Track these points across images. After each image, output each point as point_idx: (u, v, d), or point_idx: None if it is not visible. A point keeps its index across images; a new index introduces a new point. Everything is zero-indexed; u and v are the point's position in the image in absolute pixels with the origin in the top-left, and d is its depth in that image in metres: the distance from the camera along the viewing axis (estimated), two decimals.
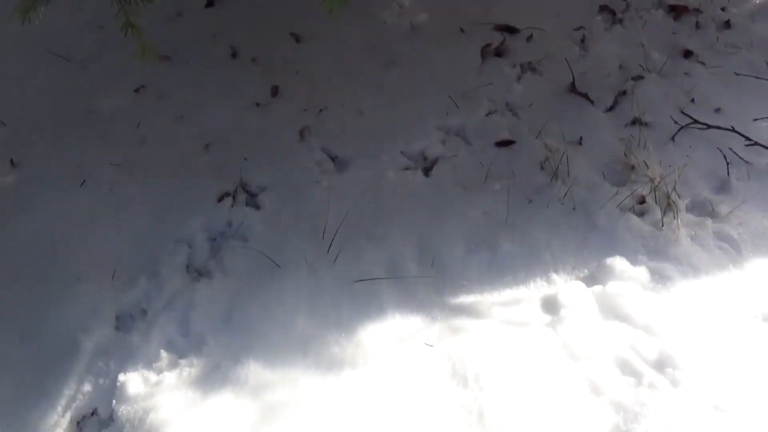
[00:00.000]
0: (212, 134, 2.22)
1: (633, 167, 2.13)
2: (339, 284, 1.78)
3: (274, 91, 2.38)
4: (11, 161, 2.12)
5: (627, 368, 1.56)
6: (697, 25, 2.82)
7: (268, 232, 1.92)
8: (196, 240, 1.90)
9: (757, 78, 2.42)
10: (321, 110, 2.35)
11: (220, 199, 2.02)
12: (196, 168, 2.11)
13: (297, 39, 2.63)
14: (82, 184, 2.04)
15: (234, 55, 2.54)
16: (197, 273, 1.83)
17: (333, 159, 2.23)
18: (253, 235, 1.91)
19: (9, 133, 2.24)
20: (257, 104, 2.34)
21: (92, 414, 1.56)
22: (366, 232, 1.94)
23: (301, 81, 2.45)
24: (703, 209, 2.00)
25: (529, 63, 2.62)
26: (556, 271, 1.84)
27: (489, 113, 2.38)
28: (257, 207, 2.02)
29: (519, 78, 2.55)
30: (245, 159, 2.14)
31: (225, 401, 1.49)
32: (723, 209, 1.97)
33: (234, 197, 2.03)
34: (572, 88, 2.48)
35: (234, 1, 2.83)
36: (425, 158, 2.25)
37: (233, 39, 2.58)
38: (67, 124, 2.25)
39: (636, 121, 2.34)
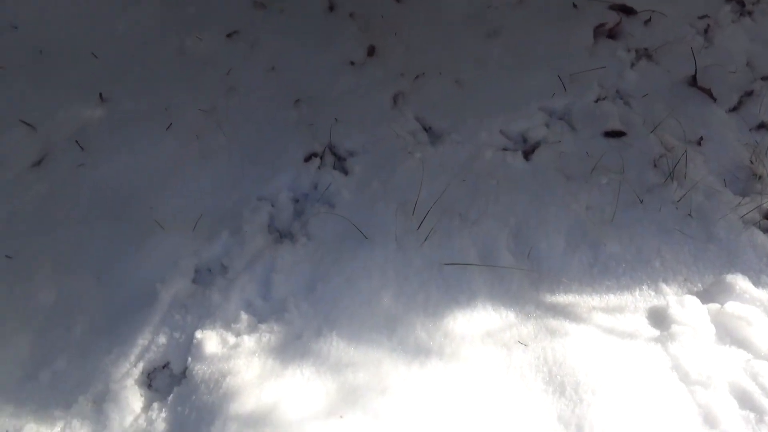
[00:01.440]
0: (303, 89, 2.11)
1: (759, 177, 1.91)
2: (428, 265, 1.65)
3: (371, 51, 2.24)
4: (100, 95, 2.06)
5: (746, 401, 1.39)
6: None
7: (355, 200, 1.81)
8: (279, 199, 1.80)
9: None
10: (417, 77, 2.20)
11: (307, 159, 1.91)
12: (285, 124, 2.00)
13: None
14: (168, 127, 1.97)
15: (331, 7, 2.41)
16: (279, 234, 1.74)
17: (427, 130, 2.09)
18: (340, 201, 1.80)
19: (99, 67, 2.17)
20: (352, 63, 2.21)
21: (164, 367, 1.49)
22: (459, 212, 1.81)
23: (398, 43, 2.30)
24: None
25: (646, 49, 2.40)
26: (665, 282, 1.67)
27: (598, 99, 2.19)
28: (345, 172, 1.90)
29: (633, 64, 2.34)
30: (336, 120, 2.02)
31: (305, 376, 1.40)
32: None
33: (322, 159, 1.92)
34: (693, 81, 2.25)
35: None
36: (525, 140, 2.08)
37: None
38: (157, 63, 2.17)
39: (763, 126, 2.11)
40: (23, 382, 1.43)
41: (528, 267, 1.69)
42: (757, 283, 1.64)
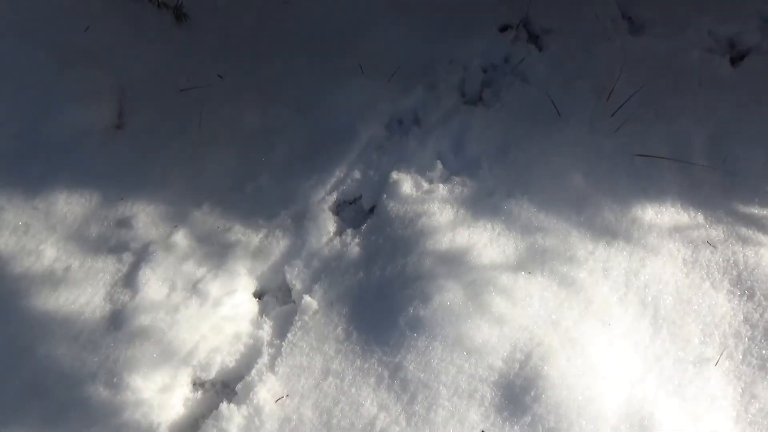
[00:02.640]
0: None
1: None
2: (619, 153, 1.61)
3: None
4: None
5: None
6: None
7: (549, 76, 1.76)
8: (472, 66, 1.78)
9: None
10: None
11: (503, 30, 1.86)
12: None
13: None
14: None
15: None
16: (472, 98, 1.73)
17: (628, 19, 1.96)
18: (533, 75, 1.76)
19: None
20: None
21: (354, 202, 1.58)
22: (655, 108, 1.72)
23: None
24: None
25: None
26: None
27: None
28: (540, 48, 1.84)
29: None
30: None
31: (496, 230, 1.44)
32: None
33: (517, 30, 1.86)
34: None
35: None
36: (733, 46, 1.91)
37: None
38: None
39: None
40: (231, 191, 1.56)
41: (721, 171, 1.61)
42: None
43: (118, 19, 1.86)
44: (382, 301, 1.35)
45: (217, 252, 1.46)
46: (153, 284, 1.40)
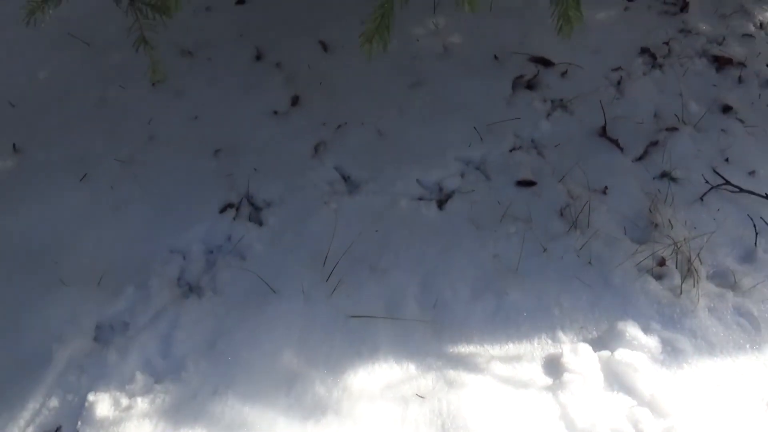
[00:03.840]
0: (225, 139, 2.14)
1: (656, 225, 2.02)
2: (334, 317, 1.69)
3: (295, 100, 2.30)
4: (14, 146, 2.06)
5: None
6: (740, 80, 2.70)
7: (268, 251, 1.84)
8: (192, 252, 1.82)
9: None
10: (340, 126, 2.27)
11: (223, 210, 1.94)
12: (203, 174, 2.03)
13: (325, 47, 2.55)
14: (83, 177, 1.98)
15: (258, 57, 2.46)
16: (188, 287, 1.75)
17: (346, 179, 2.14)
18: (251, 253, 1.83)
19: (16, 116, 2.17)
20: (275, 112, 2.26)
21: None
22: (370, 263, 1.86)
23: (323, 92, 2.36)
24: (725, 280, 1.88)
25: (561, 100, 2.52)
26: (563, 329, 1.74)
27: (513, 149, 2.29)
28: (260, 223, 1.94)
29: (548, 115, 2.45)
30: (255, 169, 2.06)
31: None
32: (746, 282, 1.86)
33: (238, 209, 1.96)
34: (603, 132, 2.37)
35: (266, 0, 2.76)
36: (441, 190, 2.15)
37: (260, 40, 2.50)
38: (77, 112, 2.18)
39: (665, 175, 2.23)
40: None
41: (433, 318, 1.75)
42: (646, 329, 1.72)
43: None
44: None
45: None
46: None
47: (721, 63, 2.78)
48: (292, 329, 1.64)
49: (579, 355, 1.64)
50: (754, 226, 2.02)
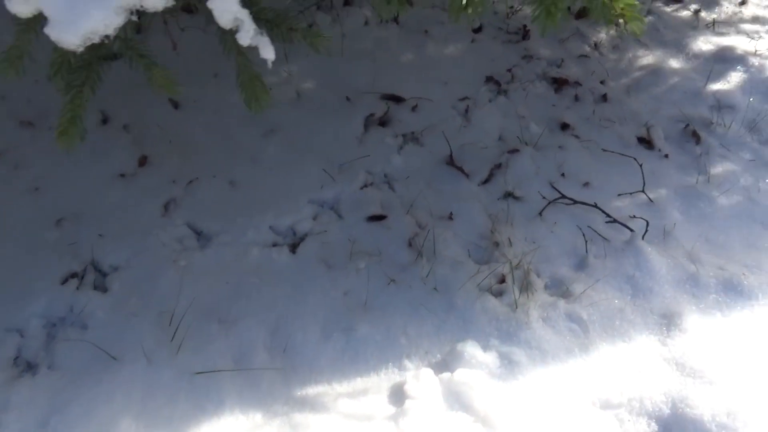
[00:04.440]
0: (68, 208, 2.12)
1: (497, 244, 2.15)
2: (178, 377, 1.69)
3: (142, 161, 2.31)
4: None
5: None
6: (576, 98, 2.93)
7: (111, 318, 1.82)
8: (30, 328, 1.78)
9: (621, 155, 2.52)
10: (191, 181, 2.29)
11: (65, 281, 1.91)
12: (44, 245, 1.99)
13: (175, 105, 2.58)
14: None
15: (104, 121, 2.46)
16: (27, 365, 1.71)
17: (198, 234, 2.16)
18: (94, 322, 1.81)
19: None
20: (122, 175, 2.26)
21: None
22: (218, 316, 1.87)
23: (173, 150, 2.38)
24: (558, 289, 2.02)
25: (412, 133, 2.65)
26: (409, 357, 1.81)
27: (365, 186, 2.38)
28: (105, 290, 1.92)
29: (400, 148, 2.57)
30: (100, 236, 2.05)
31: None
32: (577, 288, 2.00)
33: (81, 278, 1.93)
34: (450, 160, 2.51)
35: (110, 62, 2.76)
36: (294, 234, 2.21)
37: (106, 104, 2.50)
38: None
39: (508, 195, 2.38)
40: None
41: (281, 364, 1.78)
42: (486, 346, 1.82)
43: None
44: None
45: None
46: None
47: (559, 84, 3.02)
48: (133, 396, 1.62)
49: (421, 381, 1.71)
50: (583, 234, 2.19)
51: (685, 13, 3.64)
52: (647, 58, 3.25)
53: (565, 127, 2.75)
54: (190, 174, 2.31)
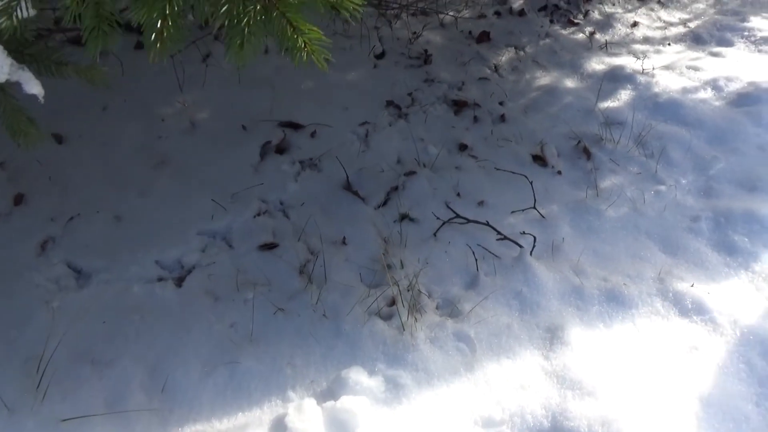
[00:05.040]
0: None
1: (389, 266, 2.15)
2: (43, 427, 1.59)
3: (18, 200, 2.20)
4: None
5: None
6: (476, 119, 3.00)
7: None
8: None
9: (513, 173, 2.58)
10: (72, 218, 2.20)
11: None
12: None
13: (59, 140, 2.49)
14: None
15: None
16: None
17: (77, 273, 2.06)
18: None
19: None
20: None
21: None
22: (92, 357, 1.78)
23: (53, 186, 2.29)
24: (448, 308, 2.03)
25: (310, 159, 2.64)
26: (293, 388, 1.76)
27: (258, 214, 2.34)
28: None
29: (298, 175, 2.55)
30: None
31: None
32: (466, 307, 2.01)
33: None
34: (347, 185, 2.51)
35: None
36: (182, 267, 2.14)
37: None
38: None
39: (404, 217, 2.39)
40: None
41: (159, 404, 1.70)
42: (372, 371, 1.79)
43: None
44: None
45: None
46: None
47: (459, 106, 3.09)
48: None
49: (303, 412, 1.66)
50: (473, 252, 2.21)
51: (581, 36, 3.82)
52: (544, 78, 3.37)
53: (463, 148, 2.80)
54: (71, 210, 2.22)
